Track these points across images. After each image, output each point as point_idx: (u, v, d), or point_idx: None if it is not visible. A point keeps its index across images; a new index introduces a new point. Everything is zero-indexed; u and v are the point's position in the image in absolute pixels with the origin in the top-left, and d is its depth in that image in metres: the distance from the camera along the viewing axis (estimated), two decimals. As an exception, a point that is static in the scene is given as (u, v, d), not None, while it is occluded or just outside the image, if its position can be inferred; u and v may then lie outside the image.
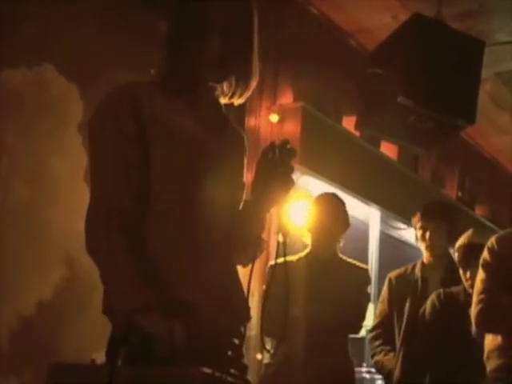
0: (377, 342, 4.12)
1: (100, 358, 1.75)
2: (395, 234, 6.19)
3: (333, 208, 3.87)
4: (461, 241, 3.87)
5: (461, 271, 3.85)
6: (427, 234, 4.06)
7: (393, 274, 4.22)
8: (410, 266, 4.19)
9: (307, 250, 3.88)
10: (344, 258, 3.90)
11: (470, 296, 3.74)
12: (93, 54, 3.89)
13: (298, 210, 4.83)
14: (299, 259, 3.85)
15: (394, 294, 4.10)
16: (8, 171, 3.53)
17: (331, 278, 3.75)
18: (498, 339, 3.35)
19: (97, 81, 3.86)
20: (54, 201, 3.67)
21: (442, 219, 4.08)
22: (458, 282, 3.88)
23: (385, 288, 4.13)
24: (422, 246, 4.13)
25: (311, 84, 5.29)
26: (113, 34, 4.00)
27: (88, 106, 3.83)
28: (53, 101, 3.75)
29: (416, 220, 4.14)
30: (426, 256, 4.13)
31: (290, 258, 3.93)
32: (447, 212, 4.17)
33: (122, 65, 3.91)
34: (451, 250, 3.97)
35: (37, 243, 3.60)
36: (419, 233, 4.12)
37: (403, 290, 4.06)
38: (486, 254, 3.38)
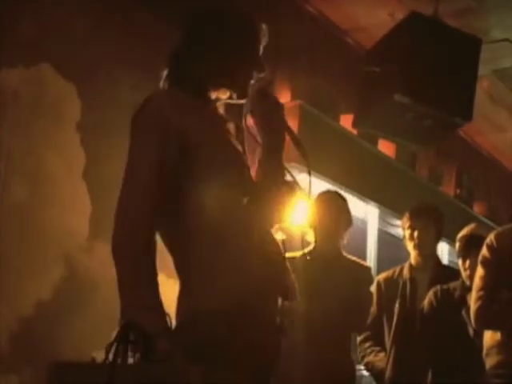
0: (366, 344, 4.13)
1: (100, 356, 1.75)
2: (393, 231, 6.18)
3: (335, 205, 3.87)
4: (463, 232, 3.92)
5: (460, 261, 3.89)
6: (415, 233, 4.08)
7: (381, 277, 4.24)
8: (397, 268, 4.20)
9: (310, 247, 3.88)
10: (347, 255, 3.90)
11: (467, 291, 3.76)
12: (90, 53, 3.89)
13: (297, 208, 4.82)
14: (302, 256, 3.85)
15: (383, 297, 4.12)
16: (6, 171, 3.52)
17: (334, 275, 3.74)
18: (498, 335, 3.35)
19: (94, 80, 3.86)
20: (52, 200, 3.67)
21: (429, 218, 4.11)
22: (447, 282, 3.91)
23: (373, 291, 4.14)
24: (409, 247, 4.14)
25: (308, 82, 5.29)
26: (110, 33, 4.00)
27: (85, 105, 3.83)
28: (50, 100, 3.74)
29: (405, 220, 4.17)
30: (413, 256, 4.14)
31: (293, 254, 3.94)
32: (435, 213, 4.19)
33: (120, 64, 3.91)
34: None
35: (35, 243, 3.60)
36: (407, 233, 4.14)
37: (392, 292, 4.07)
38: (485, 251, 3.39)
